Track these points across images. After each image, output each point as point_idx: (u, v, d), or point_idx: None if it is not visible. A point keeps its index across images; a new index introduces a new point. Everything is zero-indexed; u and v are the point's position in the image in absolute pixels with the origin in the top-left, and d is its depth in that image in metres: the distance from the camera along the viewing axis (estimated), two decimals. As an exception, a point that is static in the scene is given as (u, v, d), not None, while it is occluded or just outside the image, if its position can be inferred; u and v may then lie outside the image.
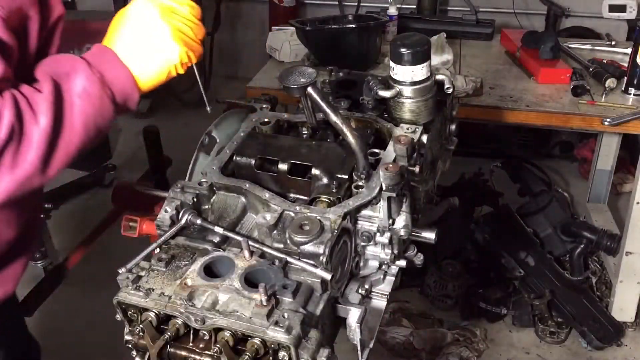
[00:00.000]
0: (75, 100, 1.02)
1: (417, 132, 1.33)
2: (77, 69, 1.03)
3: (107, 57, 1.08)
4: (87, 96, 1.03)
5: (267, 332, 0.97)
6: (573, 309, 2.85)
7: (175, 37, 1.09)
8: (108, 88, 1.05)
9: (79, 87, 1.02)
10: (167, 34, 1.09)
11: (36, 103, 0.98)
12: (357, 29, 2.64)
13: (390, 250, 1.21)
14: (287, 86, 1.22)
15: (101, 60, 1.07)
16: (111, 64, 1.07)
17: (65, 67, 1.04)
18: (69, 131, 1.02)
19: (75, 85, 1.02)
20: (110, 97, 1.06)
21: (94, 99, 1.04)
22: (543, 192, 3.31)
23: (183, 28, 1.11)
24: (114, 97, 1.07)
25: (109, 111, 1.07)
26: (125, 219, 1.72)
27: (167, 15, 1.09)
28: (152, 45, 1.09)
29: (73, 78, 1.03)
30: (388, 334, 2.78)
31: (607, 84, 2.62)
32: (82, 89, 1.02)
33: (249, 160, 1.28)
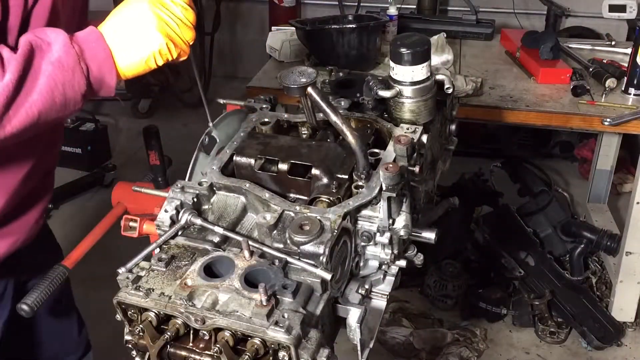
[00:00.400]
0: (47, 66, 1.07)
1: (417, 132, 1.33)
2: (58, 40, 1.09)
3: (92, 36, 1.13)
4: (59, 65, 1.08)
5: (267, 332, 0.97)
6: (573, 309, 2.85)
7: (159, 27, 1.14)
8: (84, 63, 1.11)
9: (54, 55, 1.08)
10: (152, 23, 1.14)
11: (7, 61, 1.04)
12: (357, 29, 2.64)
13: (390, 250, 1.21)
14: (287, 86, 1.22)
15: (86, 38, 1.13)
16: (94, 43, 1.13)
17: (49, 37, 1.09)
18: (34, 93, 1.07)
19: (51, 53, 1.08)
20: (85, 72, 1.11)
21: (67, 69, 1.09)
22: (543, 192, 3.31)
23: (169, 22, 1.15)
24: (89, 73, 1.12)
25: (80, 84, 1.11)
26: (125, 219, 1.72)
27: (156, 7, 1.14)
28: (136, 32, 1.14)
29: (51, 47, 1.08)
30: (388, 334, 2.78)
31: (607, 84, 2.62)
32: (56, 58, 1.08)
33: (249, 160, 1.28)
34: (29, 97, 1.06)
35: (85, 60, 1.11)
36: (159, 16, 1.14)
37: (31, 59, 1.06)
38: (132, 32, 1.14)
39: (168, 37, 1.15)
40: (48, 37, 1.10)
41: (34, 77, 1.07)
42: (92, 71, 1.12)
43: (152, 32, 1.14)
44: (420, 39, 1.34)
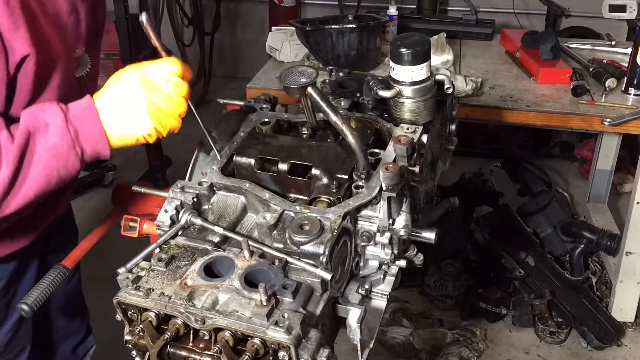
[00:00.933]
0: (43, 153, 1.12)
1: (417, 132, 1.33)
2: (55, 123, 1.13)
3: (89, 115, 1.16)
4: (55, 152, 1.13)
5: (267, 332, 0.97)
6: (573, 309, 2.85)
7: (148, 112, 1.15)
8: (79, 146, 1.15)
9: (50, 141, 1.12)
10: (142, 108, 1.15)
11: (5, 153, 1.10)
12: (357, 29, 2.64)
13: (390, 250, 1.21)
14: (287, 86, 1.22)
15: (83, 117, 1.15)
16: (90, 123, 1.15)
17: (47, 117, 1.13)
18: (29, 180, 1.13)
19: (47, 139, 1.12)
20: (79, 154, 1.16)
21: (61, 155, 1.14)
22: (543, 192, 3.31)
23: (160, 105, 1.16)
24: (83, 154, 1.16)
25: (74, 165, 1.17)
26: (125, 219, 1.71)
27: (147, 90, 1.15)
28: (128, 114, 1.16)
29: (47, 132, 1.12)
30: (388, 334, 2.78)
31: (607, 84, 2.62)
32: (52, 144, 1.12)
33: (249, 160, 1.28)
34: (25, 184, 1.13)
35: (80, 142, 1.15)
36: (149, 100, 1.15)
37: (27, 146, 1.11)
38: (125, 113, 1.16)
39: (159, 121, 1.16)
40: (46, 118, 1.13)
41: (30, 165, 1.12)
42: (86, 152, 1.16)
43: (141, 117, 1.16)
44: (420, 39, 1.34)
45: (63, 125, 1.13)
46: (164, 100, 1.16)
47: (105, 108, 1.16)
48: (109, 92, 1.18)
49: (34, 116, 1.13)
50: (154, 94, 1.15)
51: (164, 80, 1.15)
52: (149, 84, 1.15)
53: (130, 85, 1.15)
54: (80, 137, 1.15)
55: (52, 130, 1.12)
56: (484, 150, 4.17)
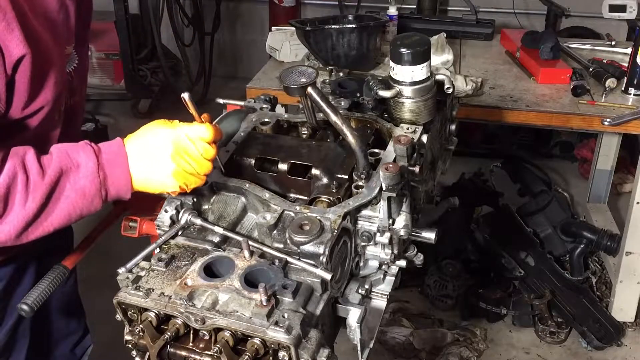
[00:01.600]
0: (70, 193, 1.15)
1: (417, 132, 1.33)
2: (87, 167, 1.15)
3: (119, 162, 1.18)
4: (82, 194, 1.16)
5: (267, 332, 0.97)
6: (573, 309, 2.85)
7: (176, 175, 1.16)
8: (105, 189, 1.18)
9: (79, 183, 1.15)
10: (170, 171, 1.16)
11: (34, 187, 1.12)
12: (357, 29, 2.63)
13: (390, 250, 1.21)
14: (287, 86, 1.22)
15: (113, 163, 1.17)
16: (119, 171, 1.18)
17: (80, 159, 1.16)
18: (52, 217, 1.16)
19: (77, 180, 1.15)
20: (104, 197, 1.18)
21: (88, 197, 1.17)
22: (543, 192, 3.31)
23: (188, 168, 1.17)
24: (107, 197, 1.19)
25: (97, 206, 1.19)
26: (126, 219, 1.71)
27: (178, 154, 1.16)
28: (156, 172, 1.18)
29: (78, 173, 1.15)
30: (388, 334, 2.78)
31: (607, 84, 2.62)
32: (80, 186, 1.15)
33: (249, 160, 1.28)
34: (48, 220, 1.16)
35: (107, 186, 1.18)
36: (179, 164, 1.16)
37: (57, 185, 1.14)
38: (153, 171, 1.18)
39: (184, 181, 1.18)
40: (79, 159, 1.16)
41: (56, 203, 1.15)
42: (110, 195, 1.19)
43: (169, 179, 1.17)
44: (420, 39, 1.34)
45: (94, 169, 1.15)
46: (192, 163, 1.16)
47: (134, 157, 1.18)
48: (141, 142, 1.19)
49: (67, 155, 1.15)
50: (183, 158, 1.16)
51: (195, 146, 1.16)
52: (180, 149, 1.16)
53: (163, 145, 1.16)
54: (108, 182, 1.17)
55: (83, 172, 1.15)
56: (484, 150, 4.16)
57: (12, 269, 1.56)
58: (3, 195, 1.11)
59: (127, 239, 1.72)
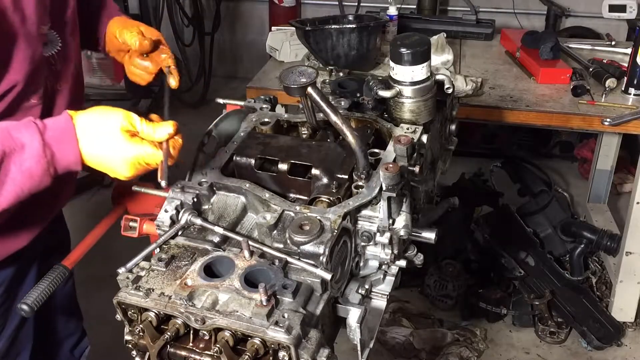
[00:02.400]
0: (17, 175, 1.11)
1: (417, 132, 1.33)
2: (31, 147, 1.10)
3: (66, 137, 1.13)
4: (29, 175, 1.11)
5: (267, 332, 0.97)
6: (573, 309, 2.85)
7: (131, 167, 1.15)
8: (53, 168, 1.13)
9: (25, 164, 1.10)
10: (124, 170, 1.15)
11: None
12: (357, 29, 2.63)
13: (390, 250, 1.21)
14: (287, 86, 1.22)
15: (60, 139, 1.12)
16: (67, 146, 1.13)
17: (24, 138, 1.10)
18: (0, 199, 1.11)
19: (22, 161, 1.10)
20: (53, 174, 1.14)
21: (35, 178, 1.12)
22: (543, 192, 3.31)
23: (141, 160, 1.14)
24: (56, 173, 1.14)
25: (46, 183, 1.15)
26: (125, 219, 1.71)
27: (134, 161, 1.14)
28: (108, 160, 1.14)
29: (23, 153, 1.10)
30: (388, 334, 2.78)
31: (607, 84, 2.62)
32: (26, 168, 1.11)
33: (249, 160, 1.28)
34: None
35: (55, 164, 1.13)
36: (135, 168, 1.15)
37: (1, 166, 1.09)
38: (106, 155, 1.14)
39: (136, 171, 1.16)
40: (23, 139, 1.10)
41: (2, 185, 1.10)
42: (59, 171, 1.15)
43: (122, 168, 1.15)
44: (420, 39, 1.34)
45: (40, 149, 1.11)
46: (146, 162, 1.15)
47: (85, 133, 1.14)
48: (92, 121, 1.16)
49: (10, 136, 1.10)
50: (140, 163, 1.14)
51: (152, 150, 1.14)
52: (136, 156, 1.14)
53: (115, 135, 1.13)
54: (56, 160, 1.13)
55: (28, 152, 1.10)
56: (484, 150, 4.16)
57: (12, 272, 1.55)
58: None
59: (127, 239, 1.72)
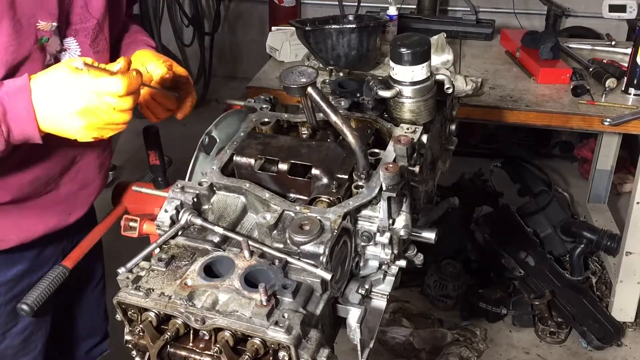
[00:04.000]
0: None
1: (417, 132, 1.33)
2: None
3: (21, 96, 1.10)
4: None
5: (267, 332, 0.97)
6: (573, 309, 2.85)
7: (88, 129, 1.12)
8: (6, 126, 1.11)
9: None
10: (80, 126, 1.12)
11: None
12: (357, 29, 2.63)
13: (390, 250, 1.21)
14: (287, 86, 1.22)
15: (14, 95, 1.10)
16: (20, 105, 1.10)
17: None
18: None
19: None
20: (6, 135, 1.11)
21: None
22: (543, 192, 3.31)
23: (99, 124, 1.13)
24: (9, 135, 1.12)
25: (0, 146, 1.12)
26: (125, 219, 1.71)
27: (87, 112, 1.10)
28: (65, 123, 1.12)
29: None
30: (388, 334, 2.78)
31: (607, 84, 2.62)
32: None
33: (249, 160, 1.28)
34: None
35: (7, 122, 1.11)
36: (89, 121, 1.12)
37: None
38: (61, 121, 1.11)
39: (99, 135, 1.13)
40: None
41: None
42: (12, 133, 1.12)
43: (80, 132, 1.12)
44: (420, 39, 1.34)
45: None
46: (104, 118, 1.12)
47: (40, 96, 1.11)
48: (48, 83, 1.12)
49: None
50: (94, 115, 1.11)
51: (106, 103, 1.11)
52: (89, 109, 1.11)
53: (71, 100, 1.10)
54: (8, 117, 1.11)
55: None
56: (484, 150, 4.17)
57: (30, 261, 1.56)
58: None
59: (127, 239, 1.73)
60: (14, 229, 1.46)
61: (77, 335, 1.90)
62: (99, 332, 1.95)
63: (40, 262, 1.60)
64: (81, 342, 1.92)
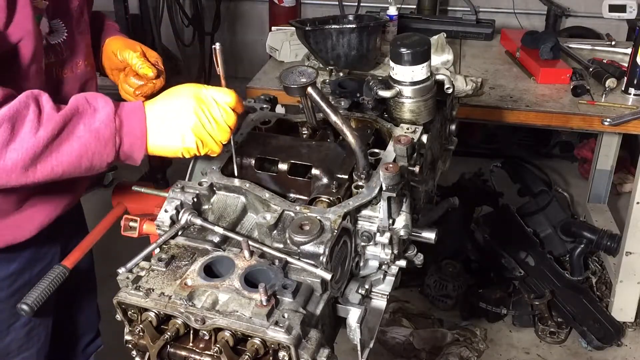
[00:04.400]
0: (84, 134, 1.13)
1: (417, 132, 1.33)
2: (103, 110, 1.15)
3: (136, 114, 1.18)
4: (96, 135, 1.14)
5: (267, 332, 0.97)
6: (573, 309, 2.85)
7: (194, 130, 1.18)
8: (119, 138, 1.16)
9: (94, 124, 1.14)
10: (189, 124, 1.17)
11: (47, 118, 1.10)
12: (357, 29, 2.63)
13: (390, 250, 1.21)
14: (287, 86, 1.22)
15: (130, 113, 1.18)
16: (135, 121, 1.18)
17: (97, 104, 1.16)
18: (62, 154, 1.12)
19: (92, 122, 1.14)
20: (117, 146, 1.17)
21: (102, 140, 1.15)
22: (543, 192, 3.31)
23: (207, 126, 1.18)
24: (120, 147, 1.17)
25: (109, 155, 1.17)
26: (125, 219, 1.71)
27: (199, 110, 1.17)
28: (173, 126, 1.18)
29: (94, 115, 1.15)
30: (388, 334, 2.78)
31: (607, 84, 2.62)
32: (95, 128, 1.14)
33: (249, 160, 1.28)
34: (57, 157, 1.12)
35: (122, 135, 1.16)
36: (199, 118, 1.17)
37: (70, 121, 1.12)
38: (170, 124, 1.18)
39: (201, 140, 1.19)
40: (95, 104, 1.16)
41: (68, 140, 1.12)
42: (123, 146, 1.17)
43: (187, 133, 1.18)
44: (420, 39, 1.34)
45: (111, 115, 1.15)
46: (212, 124, 1.18)
47: (153, 113, 1.19)
48: (162, 101, 1.21)
49: (84, 98, 1.15)
50: (205, 115, 1.18)
51: (217, 107, 1.19)
52: (203, 105, 1.18)
53: (185, 100, 1.18)
54: (123, 131, 1.16)
55: (99, 116, 1.14)
56: (484, 150, 4.17)
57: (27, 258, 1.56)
58: (11, 116, 1.08)
59: (127, 239, 1.72)
60: None
61: (75, 333, 1.91)
62: (93, 329, 1.98)
63: (39, 256, 1.61)
64: (79, 340, 1.93)
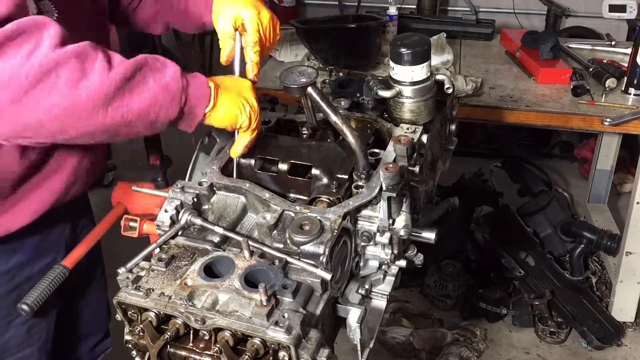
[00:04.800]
0: (154, 84, 1.14)
1: (417, 132, 1.33)
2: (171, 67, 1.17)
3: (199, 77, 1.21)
4: (165, 88, 1.15)
5: (267, 332, 0.97)
6: (573, 309, 2.85)
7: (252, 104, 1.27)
8: (185, 96, 1.17)
9: (164, 78, 1.15)
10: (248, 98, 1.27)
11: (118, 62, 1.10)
12: (357, 29, 2.63)
13: (390, 250, 1.21)
14: (287, 86, 1.22)
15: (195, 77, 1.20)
16: (199, 83, 1.20)
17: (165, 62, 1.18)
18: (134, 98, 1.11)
19: (161, 77, 1.15)
20: (181, 103, 1.17)
21: (169, 94, 1.15)
22: (543, 192, 3.31)
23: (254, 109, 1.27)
24: (184, 105, 1.18)
25: (173, 112, 1.17)
26: (125, 219, 1.71)
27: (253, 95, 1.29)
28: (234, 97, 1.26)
29: (164, 70, 1.16)
30: (388, 334, 2.78)
31: (607, 84, 2.62)
32: (164, 83, 1.15)
33: (249, 160, 1.28)
34: (129, 103, 1.11)
35: (187, 94, 1.17)
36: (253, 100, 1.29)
37: (141, 69, 1.13)
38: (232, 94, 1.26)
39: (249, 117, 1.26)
40: (164, 61, 1.18)
41: (139, 87, 1.12)
42: (188, 104, 1.18)
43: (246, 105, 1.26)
44: (420, 39, 1.34)
45: (178, 72, 1.17)
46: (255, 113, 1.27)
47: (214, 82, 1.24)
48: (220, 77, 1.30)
49: (155, 57, 1.17)
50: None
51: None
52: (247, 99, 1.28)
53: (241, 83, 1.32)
54: (189, 90, 1.18)
55: (168, 72, 1.16)
56: (484, 150, 4.17)
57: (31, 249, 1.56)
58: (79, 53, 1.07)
59: (127, 239, 1.73)
60: None
61: (80, 333, 1.91)
62: (102, 330, 1.97)
63: (40, 251, 1.60)
64: (84, 340, 1.93)
